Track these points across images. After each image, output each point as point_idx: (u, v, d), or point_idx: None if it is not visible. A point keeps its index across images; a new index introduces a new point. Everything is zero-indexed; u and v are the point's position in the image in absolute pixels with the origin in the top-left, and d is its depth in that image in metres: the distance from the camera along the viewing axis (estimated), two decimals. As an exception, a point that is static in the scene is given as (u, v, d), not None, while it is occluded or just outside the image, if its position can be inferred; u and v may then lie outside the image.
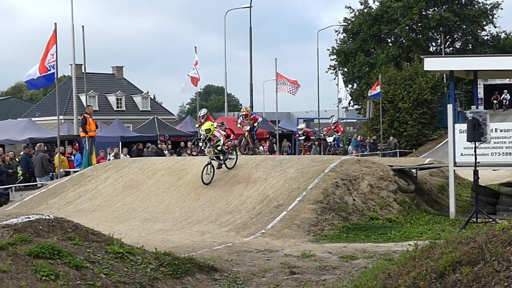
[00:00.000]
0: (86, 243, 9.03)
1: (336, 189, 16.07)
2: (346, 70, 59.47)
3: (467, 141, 14.29)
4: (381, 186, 16.71)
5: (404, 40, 58.45)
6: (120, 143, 33.95)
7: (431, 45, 59.74)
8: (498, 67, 17.54)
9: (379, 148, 42.50)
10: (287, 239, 13.63)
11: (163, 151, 30.87)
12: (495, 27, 58.57)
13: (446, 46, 58.89)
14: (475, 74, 18.72)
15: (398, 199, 16.47)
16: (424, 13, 57.09)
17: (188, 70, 28.54)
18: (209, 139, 18.22)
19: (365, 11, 58.27)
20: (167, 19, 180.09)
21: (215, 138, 18.21)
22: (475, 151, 13.78)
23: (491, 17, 57.71)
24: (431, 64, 17.97)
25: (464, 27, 58.20)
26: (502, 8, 57.19)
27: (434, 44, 60.04)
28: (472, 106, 26.58)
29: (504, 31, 59.68)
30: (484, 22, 57.86)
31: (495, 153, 16.08)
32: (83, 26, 32.24)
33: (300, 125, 29.99)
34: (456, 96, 45.93)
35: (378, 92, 41.28)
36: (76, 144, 30.68)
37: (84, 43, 31.70)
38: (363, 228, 14.52)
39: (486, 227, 7.24)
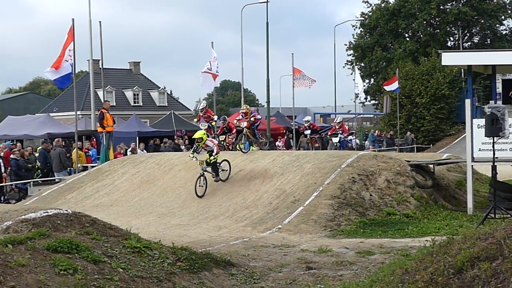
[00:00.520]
0: (103, 238, 9.08)
1: (353, 184, 16.03)
2: (363, 65, 59.25)
3: (485, 136, 14.18)
4: (398, 181, 16.64)
5: (421, 35, 58.11)
6: (137, 138, 34.10)
7: (449, 39, 59.37)
8: (517, 61, 17.38)
9: (396, 143, 42.31)
10: (303, 234, 13.62)
11: (180, 146, 30.94)
12: (514, 21, 58.16)
13: (464, 40, 58.47)
14: (493, 69, 18.57)
15: (415, 195, 16.40)
16: (442, 7, 56.71)
17: (204, 65, 28.52)
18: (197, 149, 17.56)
19: (382, 5, 57.98)
20: (183, 14, 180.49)
21: (208, 148, 17.45)
22: (493, 146, 13.67)
23: (509, 11, 57.23)
24: (449, 58, 17.84)
25: (482, 21, 57.76)
26: (521, 2, 56.78)
27: (452, 38, 59.69)
28: (490, 101, 26.35)
29: (523, 26, 59.25)
30: (502, 17, 57.38)
31: (514, 148, 15.95)
32: (100, 22, 32.47)
33: (306, 117, 29.52)
34: (474, 91, 45.57)
35: (397, 88, 41.10)
36: (94, 139, 30.84)
37: (101, 39, 31.92)
38: (380, 223, 14.47)
39: (505, 222, 7.19)
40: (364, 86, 54.20)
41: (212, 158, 17.21)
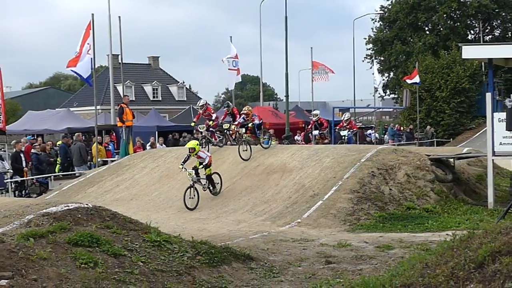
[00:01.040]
0: (124, 232, 9.14)
1: (373, 178, 15.98)
2: (382, 58, 58.94)
3: (506, 130, 14.07)
4: (418, 175, 16.56)
5: (441, 28, 57.66)
6: (156, 132, 34.21)
7: (469, 32, 58.83)
8: (539, 54, 17.20)
9: (416, 137, 42.08)
10: (323, 229, 13.61)
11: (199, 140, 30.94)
12: (536, 14, 57.46)
13: (485, 33, 57.93)
14: (514, 62, 18.40)
15: (436, 189, 16.31)
16: (463, 0, 56.22)
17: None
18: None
19: (402, -1, 57.59)
20: (202, 9, 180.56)
21: (200, 159, 16.87)
22: (514, 140, 13.56)
23: (531, 4, 56.61)
24: (470, 52, 17.71)
25: (503, 14, 57.20)
26: (543, -6, 56.08)
27: (472, 31, 59.15)
28: (511, 95, 26.07)
29: (545, 18, 58.51)
30: (524, 9, 56.77)
31: (535, 142, 15.81)
32: (119, 17, 32.61)
33: (315, 111, 28.32)
34: (495, 84, 45.11)
35: (418, 82, 40.89)
36: (113, 133, 30.99)
37: (120, 34, 32.05)
38: (399, 218, 14.42)
39: (526, 217, 7.14)
40: (382, 80, 53.97)
41: (207, 170, 16.79)
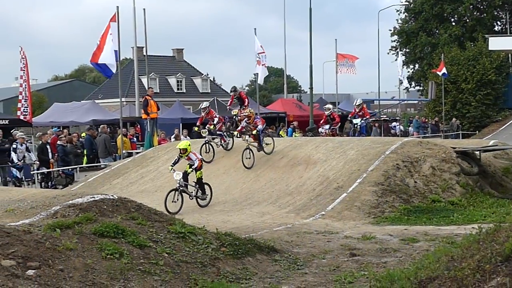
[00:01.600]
0: (149, 223, 9.20)
1: (397, 171, 15.90)
2: (407, 50, 58.48)
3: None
4: (443, 168, 16.44)
5: (468, 19, 57.02)
6: (180, 125, 34.30)
7: (496, 24, 58.10)
8: None
9: (441, 129, 41.76)
10: (347, 221, 13.58)
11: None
12: None
13: (512, 25, 57.22)
14: (542, 54, 18.17)
15: (461, 182, 16.19)
16: (489, -9, 55.57)
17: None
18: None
19: (427, -11, 57.02)
20: (227, 1, 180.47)
21: (190, 161, 15.90)
22: (542, 133, 13.40)
23: (559, -6, 55.74)
24: (496, 43, 17.56)
25: (531, 5, 56.42)
26: None
27: (499, 23, 58.38)
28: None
29: None
30: (552, 0, 55.92)
31: None
32: (144, 9, 32.70)
33: (327, 105, 27.11)
34: (522, 76, 44.74)
35: (446, 73, 40.60)
36: (138, 126, 31.16)
37: (145, 26, 32.14)
38: (424, 210, 14.34)
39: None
40: (408, 72, 53.53)
41: (198, 173, 15.75)
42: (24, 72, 22.69)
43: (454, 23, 57.70)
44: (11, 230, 7.73)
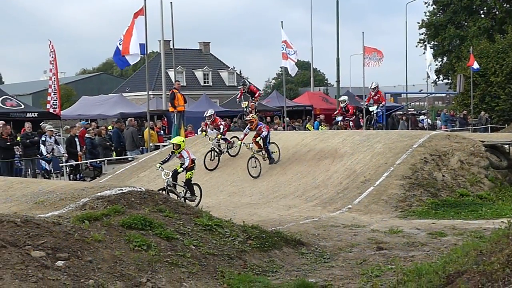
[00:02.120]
0: (176, 215, 9.26)
1: (425, 164, 15.79)
2: (435, 43, 57.92)
3: None
4: (472, 162, 16.29)
5: (497, 12, 56.27)
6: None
7: (526, 16, 57.31)
8: None
9: (470, 123, 41.34)
10: (374, 215, 13.52)
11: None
12: None
13: (543, 16, 56.34)
14: None
15: (490, 176, 16.03)
16: (519, -18, 54.81)
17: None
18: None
19: (456, -18, 56.42)
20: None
21: (181, 159, 15.08)
22: None
23: None
24: (527, 35, 17.27)
25: (561, -4, 55.54)
26: None
27: (529, 15, 57.59)
28: None
29: None
30: None
31: None
32: (171, 3, 32.68)
33: (342, 97, 26.80)
34: (553, 69, 44.05)
35: (477, 67, 40.20)
36: (165, 119, 31.30)
37: (172, 19, 32.16)
38: (452, 204, 14.23)
39: None
40: (436, 65, 52.99)
41: (188, 174, 15.03)
42: (53, 66, 22.89)
43: (483, 15, 57.02)
44: (41, 222, 7.83)
